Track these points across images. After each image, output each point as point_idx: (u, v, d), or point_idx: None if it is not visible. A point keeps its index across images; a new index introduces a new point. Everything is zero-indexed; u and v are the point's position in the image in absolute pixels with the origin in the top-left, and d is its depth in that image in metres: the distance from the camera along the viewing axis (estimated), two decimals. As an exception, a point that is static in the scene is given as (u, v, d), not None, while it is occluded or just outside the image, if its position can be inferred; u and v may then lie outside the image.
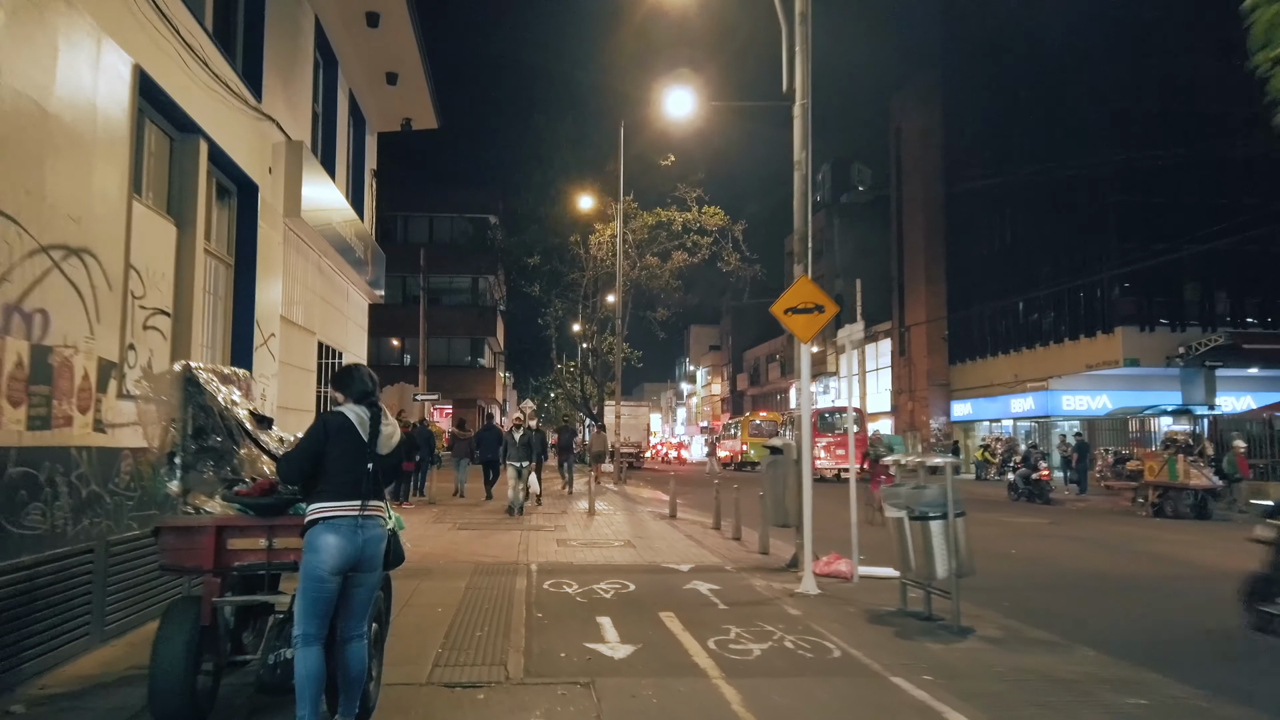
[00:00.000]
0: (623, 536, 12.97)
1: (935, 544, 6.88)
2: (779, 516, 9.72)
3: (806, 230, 10.09)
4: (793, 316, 8.60)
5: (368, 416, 4.16)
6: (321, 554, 3.94)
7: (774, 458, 9.78)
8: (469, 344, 50.17)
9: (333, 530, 3.97)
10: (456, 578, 9.00)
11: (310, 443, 4.11)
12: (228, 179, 8.77)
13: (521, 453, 15.57)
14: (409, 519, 14.80)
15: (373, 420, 4.16)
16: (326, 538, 3.96)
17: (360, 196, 15.39)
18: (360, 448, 4.11)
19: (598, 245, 34.77)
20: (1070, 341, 33.57)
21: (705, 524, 15.09)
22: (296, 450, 4.20)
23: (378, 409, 4.24)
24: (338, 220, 12.50)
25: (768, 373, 69.85)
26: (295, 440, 4.57)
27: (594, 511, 16.65)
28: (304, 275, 11.60)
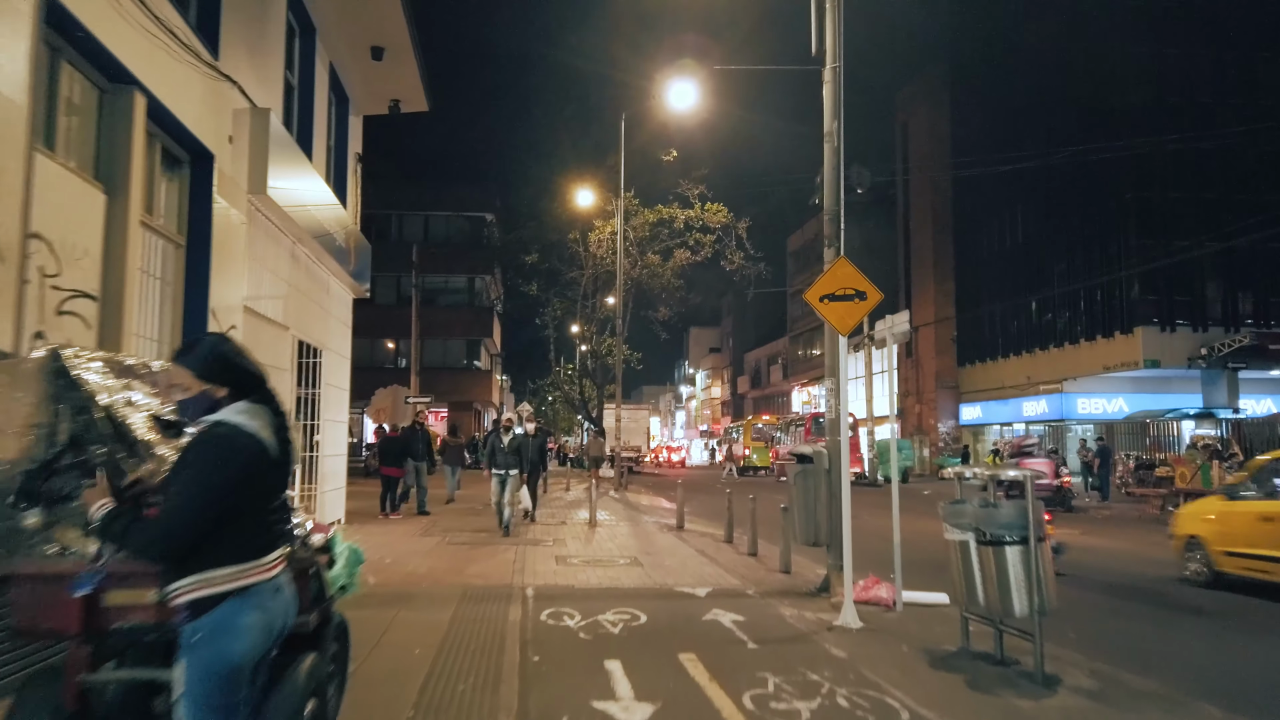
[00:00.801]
0: (628, 552, 11.79)
1: (1013, 574, 5.71)
2: (809, 534, 8.55)
3: (839, 209, 8.95)
4: (829, 305, 7.44)
5: (272, 423, 2.77)
6: (240, 642, 2.62)
7: (803, 467, 8.60)
8: (465, 345, 48.93)
9: (253, 605, 2.66)
10: (441, 606, 7.81)
11: (208, 495, 2.57)
12: (177, 145, 7.60)
13: (509, 459, 13.45)
14: (395, 531, 13.60)
15: (280, 429, 2.79)
16: (246, 618, 2.64)
17: (343, 182, 14.22)
18: (277, 477, 2.79)
19: (597, 243, 33.62)
20: (1086, 342, 32.45)
21: (716, 536, 13.92)
22: (180, 510, 2.56)
23: (281, 411, 2.86)
24: (315, 204, 11.33)
25: (769, 375, 68.69)
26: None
27: (595, 522, 15.47)
28: (275, 263, 10.43)
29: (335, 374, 14.17)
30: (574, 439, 68.23)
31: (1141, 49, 30.20)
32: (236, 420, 2.69)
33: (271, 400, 2.81)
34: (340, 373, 14.44)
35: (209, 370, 2.76)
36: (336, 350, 14.09)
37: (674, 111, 29.22)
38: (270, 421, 2.75)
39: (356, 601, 8.08)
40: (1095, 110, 31.47)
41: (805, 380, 59.47)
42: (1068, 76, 33.09)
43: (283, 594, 2.76)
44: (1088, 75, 32.03)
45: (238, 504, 2.64)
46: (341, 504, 14.59)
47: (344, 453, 14.88)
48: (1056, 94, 33.91)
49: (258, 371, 2.83)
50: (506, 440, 13.59)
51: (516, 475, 13.60)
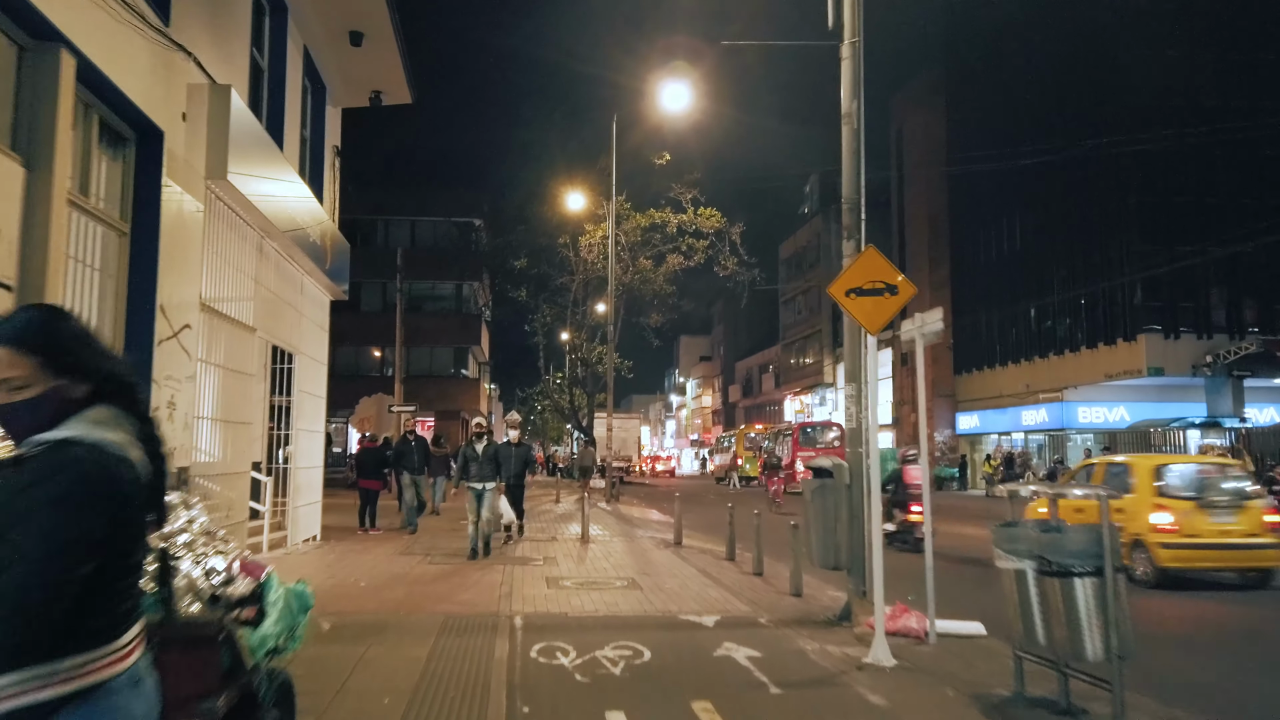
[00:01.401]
0: (625, 573, 10.91)
1: (1085, 611, 4.88)
2: (828, 557, 7.70)
3: (859, 197, 8.14)
4: (856, 300, 6.60)
5: (139, 435, 1.82)
6: None
7: (821, 482, 7.76)
8: (452, 353, 47.99)
9: (140, 689, 1.81)
10: (417, 640, 6.92)
11: (70, 557, 1.64)
12: (118, 118, 6.73)
13: (486, 469, 11.76)
14: (373, 548, 12.66)
15: (149, 441, 1.84)
16: (134, 707, 1.78)
17: (320, 176, 13.36)
18: (146, 516, 1.84)
19: (588, 247, 32.78)
20: (1088, 350, 31.78)
21: (717, 554, 13.07)
22: (31, 585, 1.60)
23: (149, 416, 1.90)
24: (286, 196, 10.46)
25: (761, 384, 67.94)
26: None
27: (588, 538, 14.59)
28: (240, 258, 9.55)
29: (310, 380, 13.28)
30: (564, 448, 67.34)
31: (1144, 50, 29.63)
32: (97, 437, 1.78)
33: (136, 403, 1.89)
34: (316, 379, 13.55)
35: (58, 356, 1.83)
36: (311, 355, 13.20)
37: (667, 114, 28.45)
38: (136, 433, 1.84)
39: (322, 635, 7.21)
40: (1096, 113, 30.87)
41: (798, 389, 58.75)
42: (1067, 78, 32.51)
43: (143, 688, 1.85)
44: (1088, 77, 31.45)
45: (102, 563, 1.75)
46: (317, 520, 13.68)
47: (320, 465, 13.98)
48: (1055, 97, 33.32)
49: (116, 359, 1.91)
50: (481, 447, 11.93)
51: (495, 487, 11.93)
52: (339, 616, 7.72)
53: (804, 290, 59.01)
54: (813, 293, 57.19)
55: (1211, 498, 10.88)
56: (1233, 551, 10.69)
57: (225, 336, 9.28)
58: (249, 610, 3.08)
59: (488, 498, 11.78)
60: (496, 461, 11.95)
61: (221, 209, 8.83)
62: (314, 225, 11.89)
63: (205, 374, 8.78)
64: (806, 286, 58.37)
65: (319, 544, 13.22)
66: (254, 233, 9.98)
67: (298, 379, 12.54)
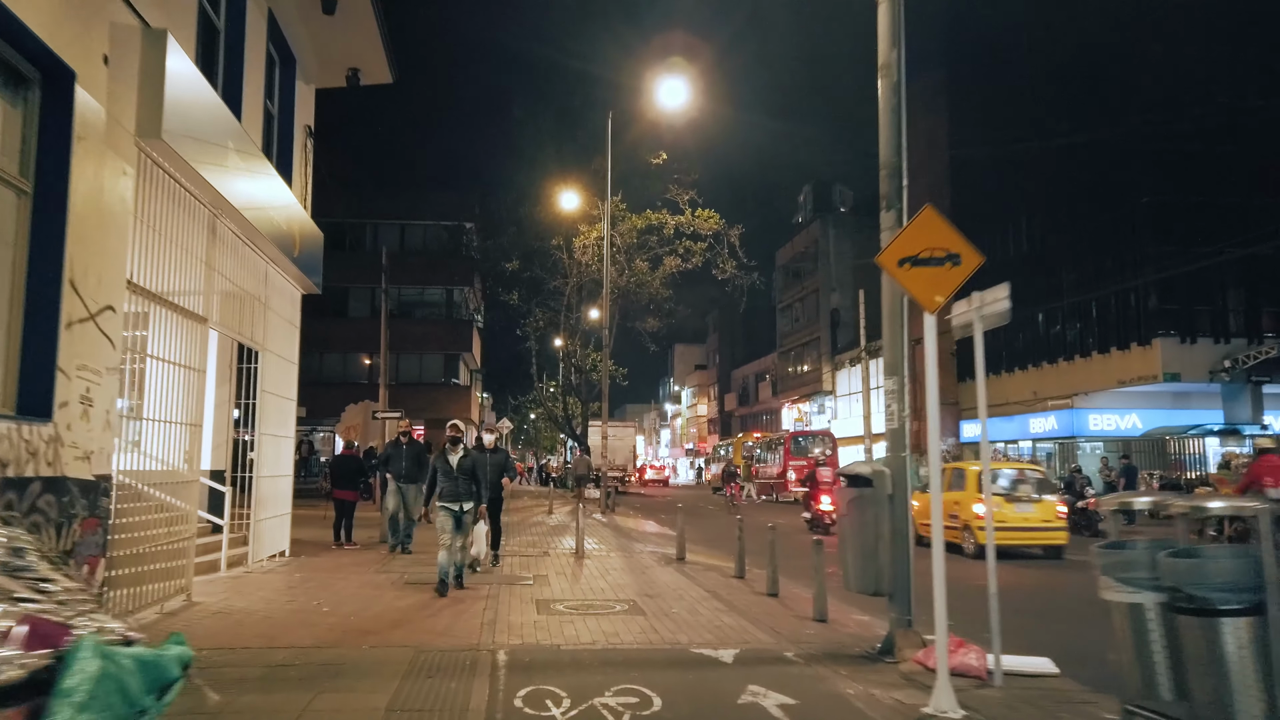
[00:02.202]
0: (625, 594, 9.72)
1: (1235, 660, 3.72)
2: (867, 580, 6.54)
3: (900, 161, 7.02)
4: (910, 271, 5.48)
5: None
6: None
7: (858, 493, 6.60)
8: (442, 360, 46.74)
9: None
10: (378, 683, 5.73)
11: None
12: (15, 52, 5.56)
13: (461, 486, 9.54)
14: (346, 566, 11.42)
15: None
16: None
17: (288, 156, 12.19)
18: None
19: (582, 249, 31.68)
20: (1099, 355, 30.69)
21: (724, 571, 11.92)
22: None
23: None
24: (245, 171, 9.30)
25: (758, 392, 66.81)
26: None
27: (583, 553, 13.39)
28: (187, 237, 8.36)
29: (278, 381, 12.09)
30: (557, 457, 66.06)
31: (1156, 46, 28.62)
32: None
33: None
34: (284, 380, 12.35)
35: None
36: (279, 353, 12.01)
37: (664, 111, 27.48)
38: None
39: (265, 680, 6.01)
40: (1106, 111, 29.87)
41: (796, 397, 57.64)
42: (1074, 77, 31.52)
43: None
44: (1096, 75, 30.45)
45: None
46: (285, 534, 12.47)
47: (289, 474, 12.76)
48: (1063, 95, 32.32)
49: None
50: (456, 459, 9.59)
51: (470, 509, 9.64)
52: (290, 652, 6.53)
53: (801, 297, 57.95)
54: (810, 300, 56.14)
55: (1018, 494, 14.99)
56: (1032, 533, 14.94)
57: (169, 326, 8.10)
58: (12, 713, 1.87)
59: (467, 521, 9.67)
60: (475, 475, 9.65)
61: (161, 179, 7.66)
62: (280, 209, 10.72)
63: (149, 369, 7.60)
64: (804, 293, 57.31)
65: (286, 561, 12.01)
66: (205, 210, 8.80)
67: (262, 379, 11.35)
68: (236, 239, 9.79)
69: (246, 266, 10.28)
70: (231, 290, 9.80)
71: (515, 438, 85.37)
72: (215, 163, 8.34)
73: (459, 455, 9.64)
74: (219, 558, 10.67)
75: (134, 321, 7.27)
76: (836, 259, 53.23)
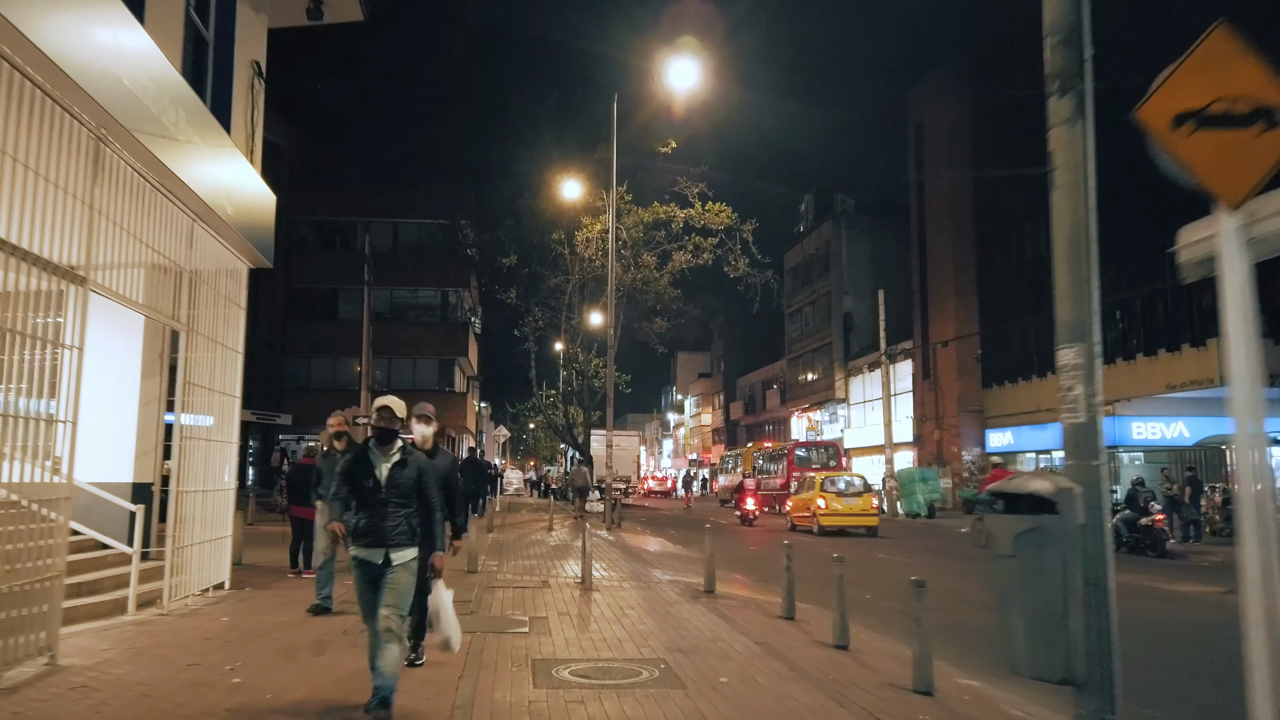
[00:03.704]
0: (651, 647, 7.34)
1: None
2: (1049, 660, 4.16)
3: (1079, 21, 4.84)
4: (1198, 136, 3.22)
5: None
6: None
7: (1035, 524, 4.24)
8: (437, 366, 44.43)
9: None
10: None
11: None
12: None
13: (381, 518, 5.12)
14: (292, 603, 8.99)
15: None
16: None
17: (225, 95, 9.86)
18: None
19: (585, 243, 29.32)
20: (1145, 357, 28.37)
21: (764, 605, 9.63)
22: None
23: None
24: (147, 85, 6.99)
25: (765, 400, 64.40)
26: None
27: (591, 584, 11.01)
28: (47, 160, 6.03)
29: (216, 374, 9.75)
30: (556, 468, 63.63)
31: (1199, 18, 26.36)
32: None
33: None
34: (223, 372, 10.01)
35: None
36: (214, 338, 9.67)
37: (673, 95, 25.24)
38: None
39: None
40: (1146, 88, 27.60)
41: (806, 405, 55.27)
42: (1110, 55, 29.27)
43: None
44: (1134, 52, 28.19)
45: None
46: (224, 561, 10.09)
47: (231, 487, 10.40)
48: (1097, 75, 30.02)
49: None
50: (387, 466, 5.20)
51: (407, 563, 5.17)
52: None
53: (811, 301, 55.63)
54: (821, 303, 53.83)
55: (844, 491, 23.62)
56: (853, 518, 23.31)
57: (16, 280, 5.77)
58: None
59: (394, 580, 5.09)
60: (404, 494, 5.18)
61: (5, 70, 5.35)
62: (209, 151, 8.39)
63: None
64: (814, 297, 55.00)
65: (222, 596, 9.63)
66: (86, 132, 6.47)
67: (189, 368, 9.02)
68: (139, 179, 7.45)
69: (157, 219, 7.94)
70: (132, 245, 7.47)
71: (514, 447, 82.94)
72: (89, 55, 6.03)
73: (392, 460, 5.16)
74: (126, 595, 8.33)
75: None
76: (849, 261, 50.94)
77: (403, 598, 5.09)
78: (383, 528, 5.08)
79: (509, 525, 22.98)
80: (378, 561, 5.10)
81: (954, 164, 39.76)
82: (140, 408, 10.16)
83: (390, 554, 5.10)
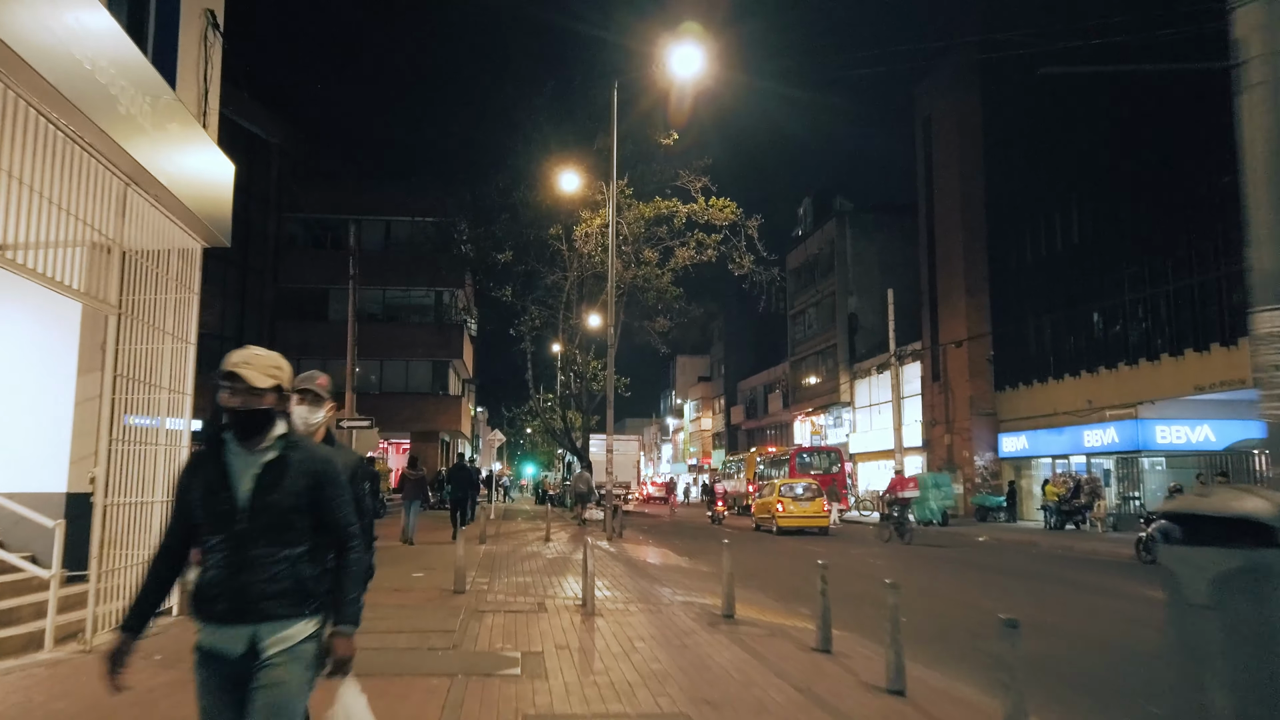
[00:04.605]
0: (669, 695, 6.01)
1: None
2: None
3: None
4: None
5: None
6: None
7: (1249, 561, 2.93)
8: (430, 368, 43.06)
9: None
10: None
11: None
12: None
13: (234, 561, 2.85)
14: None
15: None
16: None
17: (170, 43, 8.54)
18: None
19: (584, 238, 28.03)
20: (1170, 358, 27.06)
21: (795, 636, 8.30)
22: None
23: None
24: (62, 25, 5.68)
25: (767, 404, 63.06)
26: None
27: (593, 608, 9.67)
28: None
29: (163, 368, 8.44)
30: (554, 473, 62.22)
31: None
32: None
33: None
34: (175, 368, 8.69)
35: None
36: (162, 327, 8.35)
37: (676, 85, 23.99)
38: None
39: None
40: (1173, 79, 26.41)
41: (810, 409, 53.96)
42: (1133, 42, 28.01)
43: None
44: (1158, 38, 26.97)
45: None
46: (171, 583, 8.73)
47: (180, 498, 9.04)
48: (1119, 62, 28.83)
49: None
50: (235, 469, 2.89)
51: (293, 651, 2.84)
52: None
53: (815, 302, 54.33)
54: (825, 304, 52.54)
55: (800, 496, 26.62)
56: (808, 519, 26.35)
57: None
58: None
59: (265, 691, 2.78)
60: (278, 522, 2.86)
61: None
62: (140, 97, 7.07)
63: None
64: (818, 298, 53.71)
65: (171, 623, 8.29)
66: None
67: (123, 359, 7.70)
68: (51, 127, 6.13)
69: (79, 178, 6.62)
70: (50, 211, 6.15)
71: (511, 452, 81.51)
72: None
73: (262, 461, 2.90)
74: (43, 628, 7.01)
75: None
76: (854, 260, 49.67)
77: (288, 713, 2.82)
78: (246, 584, 2.78)
79: (503, 535, 21.64)
80: (238, 651, 2.80)
81: (965, 157, 38.54)
82: (76, 406, 8.86)
83: (260, 635, 2.80)
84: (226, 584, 2.79)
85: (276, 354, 2.96)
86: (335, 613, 2.96)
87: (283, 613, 2.82)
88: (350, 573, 2.98)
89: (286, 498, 2.86)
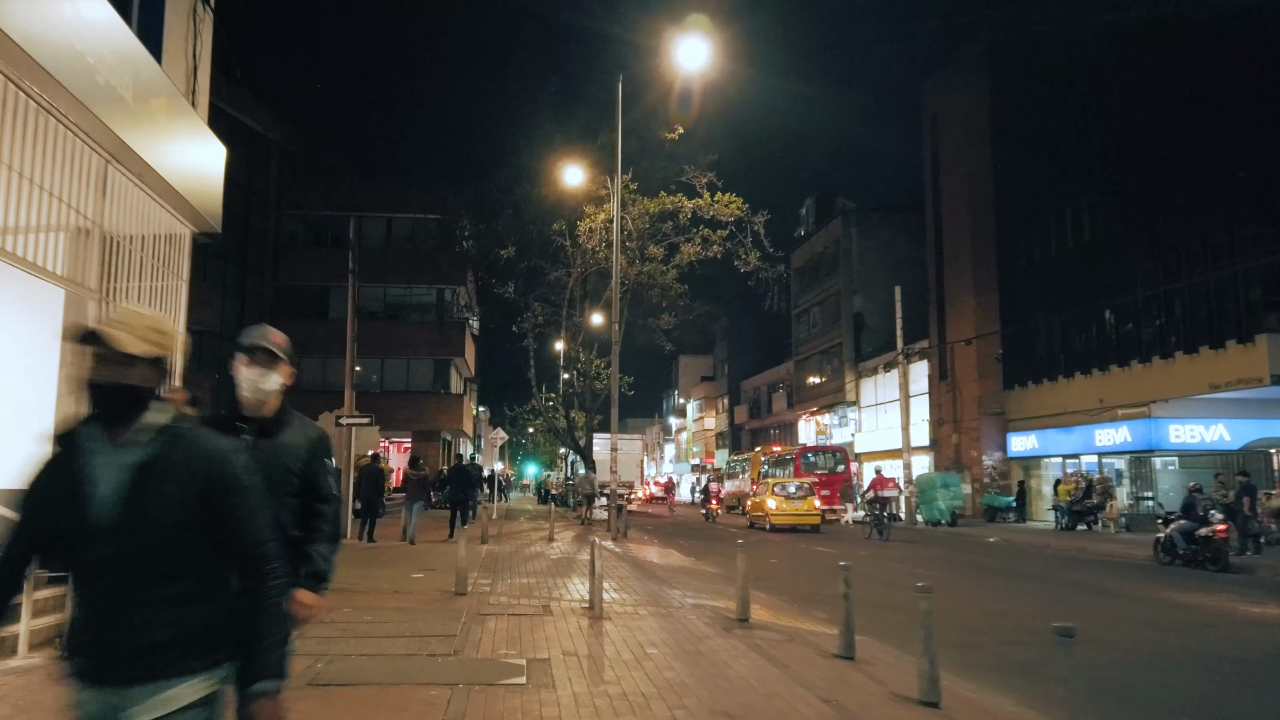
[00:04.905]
0: (688, 710, 5.53)
1: None
2: None
3: None
4: None
5: None
6: None
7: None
8: (432, 366, 42.59)
9: None
10: None
11: None
12: None
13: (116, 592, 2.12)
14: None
15: None
16: None
17: (157, 19, 8.11)
18: None
19: (588, 233, 27.60)
20: (1185, 355, 26.56)
21: (814, 641, 7.88)
22: None
23: None
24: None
25: (771, 404, 62.59)
26: None
27: (601, 611, 9.22)
28: None
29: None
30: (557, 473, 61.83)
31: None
32: None
33: None
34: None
35: None
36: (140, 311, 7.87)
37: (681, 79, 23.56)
38: None
39: None
40: (1185, 73, 25.97)
41: (814, 409, 53.50)
42: (1144, 36, 27.56)
43: None
44: (1172, 31, 26.53)
45: None
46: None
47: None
48: (1130, 58, 28.40)
49: None
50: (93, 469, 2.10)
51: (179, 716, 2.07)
52: None
53: (820, 301, 53.85)
54: (830, 303, 52.06)
55: (792, 495, 27.36)
56: (800, 517, 26.96)
57: None
58: None
59: None
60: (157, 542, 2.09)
61: None
62: (121, 65, 6.64)
63: None
64: (823, 297, 53.23)
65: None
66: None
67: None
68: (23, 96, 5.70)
69: (54, 153, 6.18)
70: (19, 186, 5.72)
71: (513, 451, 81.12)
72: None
73: (133, 460, 2.11)
74: (17, 633, 6.58)
75: None
76: (860, 259, 49.20)
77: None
78: (108, 631, 2.08)
79: (506, 535, 21.21)
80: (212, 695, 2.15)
81: (972, 154, 38.08)
82: (59, 399, 8.43)
83: (126, 702, 2.08)
84: (84, 632, 2.10)
85: (166, 318, 2.27)
86: (247, 665, 2.16)
87: (161, 670, 2.05)
88: (267, 608, 2.18)
89: (166, 511, 2.07)
